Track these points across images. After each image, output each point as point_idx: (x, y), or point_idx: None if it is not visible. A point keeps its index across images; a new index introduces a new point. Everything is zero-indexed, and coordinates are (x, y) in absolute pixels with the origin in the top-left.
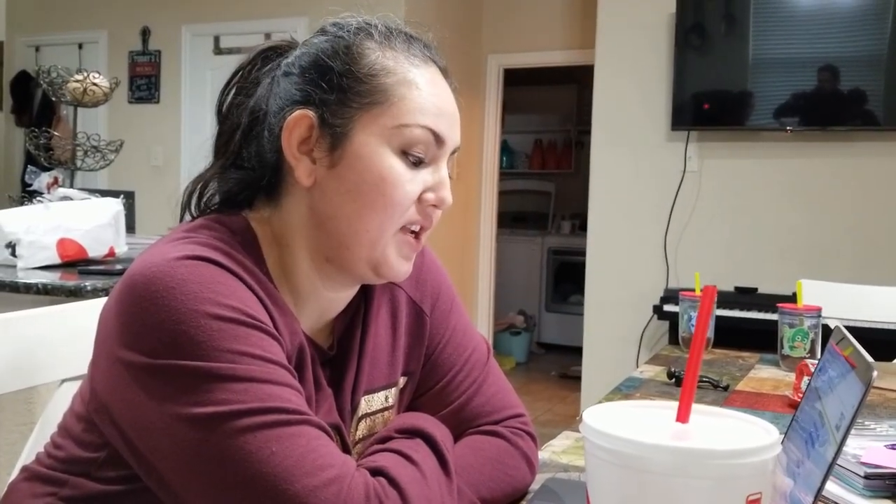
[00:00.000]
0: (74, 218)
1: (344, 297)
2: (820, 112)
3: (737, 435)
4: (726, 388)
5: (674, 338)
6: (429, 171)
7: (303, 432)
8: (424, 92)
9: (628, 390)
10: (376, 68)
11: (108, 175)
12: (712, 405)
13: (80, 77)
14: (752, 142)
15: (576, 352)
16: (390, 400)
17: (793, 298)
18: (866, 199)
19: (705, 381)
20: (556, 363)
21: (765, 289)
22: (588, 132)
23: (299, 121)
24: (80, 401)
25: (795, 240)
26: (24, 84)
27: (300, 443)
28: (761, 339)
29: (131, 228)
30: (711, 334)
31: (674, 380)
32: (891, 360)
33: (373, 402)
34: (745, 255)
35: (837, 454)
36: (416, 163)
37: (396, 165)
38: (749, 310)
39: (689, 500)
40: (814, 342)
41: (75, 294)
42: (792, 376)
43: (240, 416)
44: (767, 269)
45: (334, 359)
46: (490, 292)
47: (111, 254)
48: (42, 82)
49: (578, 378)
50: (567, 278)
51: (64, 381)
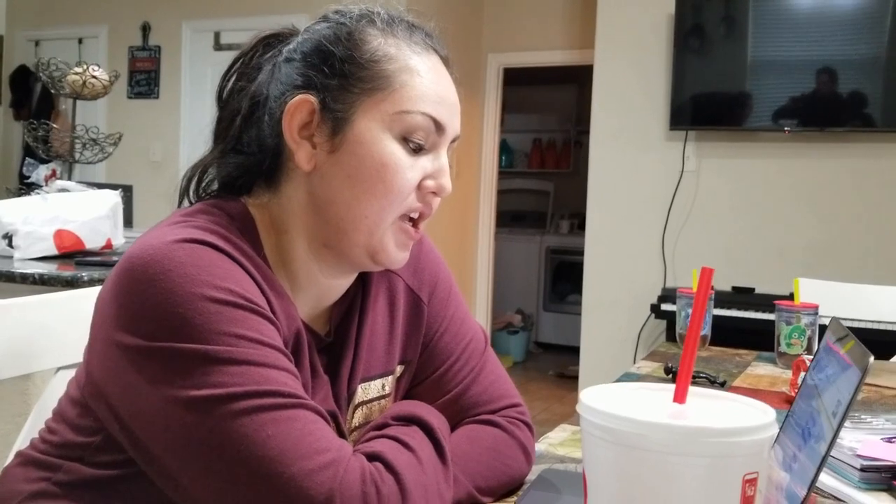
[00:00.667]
0: (72, 209)
1: (341, 284)
2: (818, 113)
3: (733, 415)
4: (723, 385)
5: (671, 336)
6: (428, 158)
7: (299, 416)
8: (426, 79)
9: None
10: (378, 55)
11: (106, 170)
12: None
13: (79, 70)
14: (750, 142)
15: (573, 351)
16: (387, 388)
17: (790, 298)
18: (864, 201)
19: (702, 377)
20: (553, 362)
21: (762, 289)
22: (587, 132)
23: (301, 105)
24: (76, 385)
25: (793, 240)
26: (23, 78)
27: (296, 426)
28: (758, 339)
29: (129, 223)
30: (708, 332)
31: (671, 375)
32: (887, 358)
33: (369, 389)
34: (742, 255)
35: (834, 439)
36: (417, 149)
37: (397, 151)
38: (746, 309)
39: (686, 478)
40: (811, 339)
41: (72, 284)
42: (789, 373)
43: (236, 398)
44: (765, 269)
45: (331, 346)
46: (488, 291)
47: (108, 246)
48: (41, 74)
49: (576, 377)
50: (565, 278)
51: (60, 368)
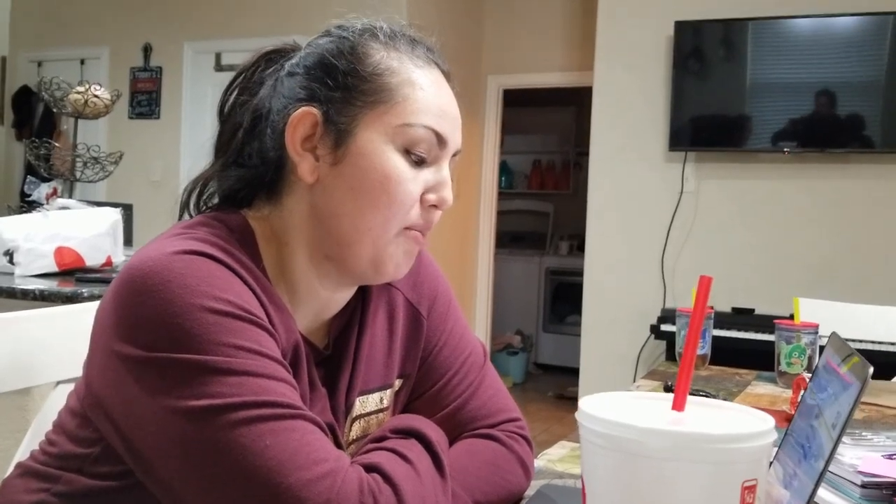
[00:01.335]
0: (72, 227)
1: (341, 297)
2: (817, 135)
3: (732, 422)
4: None
5: (671, 356)
6: (430, 171)
7: (297, 426)
8: (428, 93)
9: None
10: (381, 68)
11: (106, 190)
12: None
13: (81, 89)
14: (749, 163)
15: (573, 373)
16: (385, 402)
17: (790, 319)
18: (863, 221)
19: (701, 395)
20: (553, 384)
21: (762, 310)
22: (586, 154)
23: (304, 118)
24: (75, 397)
25: (793, 261)
26: (25, 99)
27: (294, 437)
28: (758, 360)
29: (129, 241)
30: (708, 351)
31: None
32: (888, 379)
33: (367, 403)
34: (742, 276)
35: (834, 450)
36: (419, 162)
37: (399, 164)
38: (746, 330)
39: (685, 484)
40: (811, 359)
41: (72, 300)
42: (789, 392)
43: (234, 409)
44: (764, 290)
45: (329, 358)
46: (488, 312)
47: (108, 263)
48: (44, 93)
49: (575, 399)
50: (564, 299)
51: (59, 382)
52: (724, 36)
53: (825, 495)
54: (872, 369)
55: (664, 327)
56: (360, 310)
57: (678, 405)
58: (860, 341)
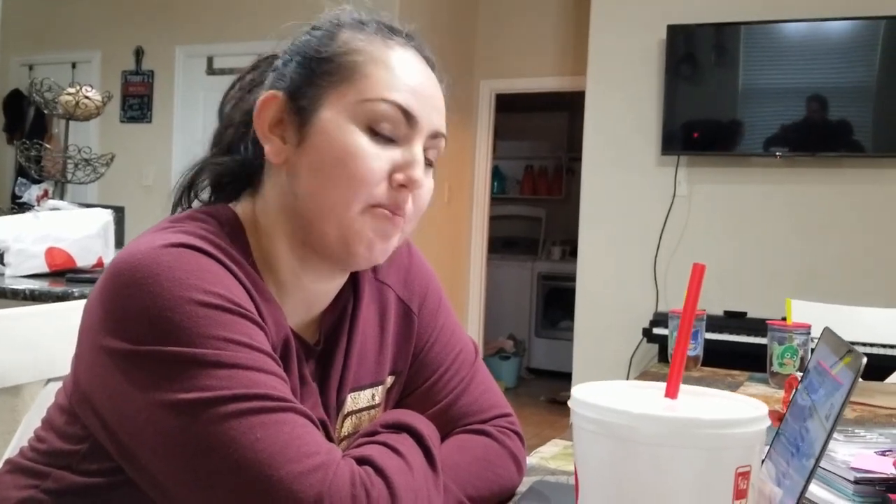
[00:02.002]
0: (63, 227)
1: (328, 288)
2: (809, 140)
3: (725, 409)
4: None
5: (663, 359)
6: (400, 150)
7: (288, 419)
8: (395, 70)
9: None
10: (347, 48)
11: (98, 193)
12: None
13: (72, 90)
14: (741, 167)
15: (565, 377)
16: (377, 398)
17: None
18: (855, 225)
19: None
20: (545, 388)
21: (754, 313)
22: (578, 159)
23: (268, 101)
24: (64, 393)
25: (784, 265)
26: (16, 102)
27: (285, 430)
28: (750, 363)
29: (120, 244)
30: (700, 353)
31: None
32: (881, 380)
33: (359, 399)
34: (734, 280)
35: (827, 441)
36: (387, 141)
37: (361, 141)
38: (738, 333)
39: (678, 470)
40: (803, 359)
41: (62, 300)
42: (781, 392)
43: (224, 402)
44: (757, 293)
45: (320, 354)
46: (480, 317)
47: (99, 264)
48: (34, 95)
49: (567, 403)
50: (557, 304)
51: (49, 380)
52: (716, 40)
53: (819, 492)
54: (865, 359)
55: (657, 330)
56: (352, 306)
57: (671, 392)
58: (852, 343)
